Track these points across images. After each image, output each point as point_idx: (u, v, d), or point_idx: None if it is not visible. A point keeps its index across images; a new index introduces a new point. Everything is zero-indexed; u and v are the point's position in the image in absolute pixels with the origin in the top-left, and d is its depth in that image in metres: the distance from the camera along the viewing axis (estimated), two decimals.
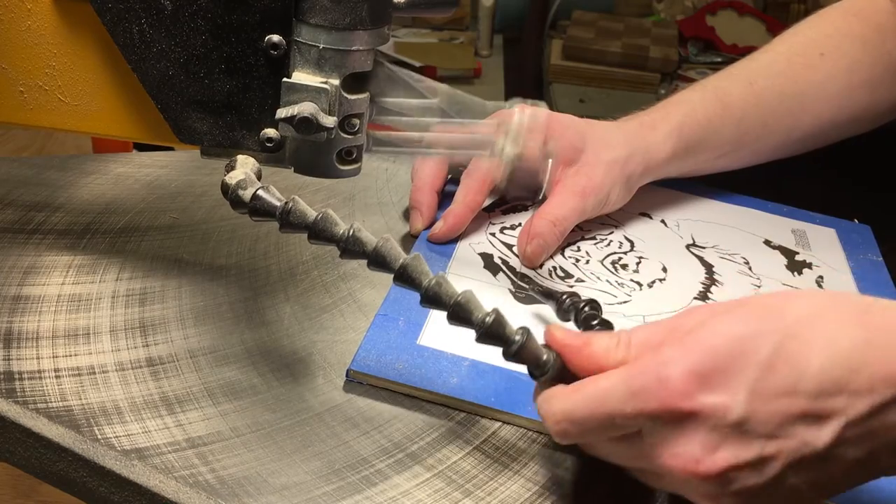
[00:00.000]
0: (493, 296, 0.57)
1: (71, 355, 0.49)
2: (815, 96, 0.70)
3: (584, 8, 2.11)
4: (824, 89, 0.70)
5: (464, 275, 0.58)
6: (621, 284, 0.60)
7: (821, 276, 0.64)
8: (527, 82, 2.12)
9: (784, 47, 0.72)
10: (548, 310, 0.54)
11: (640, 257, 0.63)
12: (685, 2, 2.13)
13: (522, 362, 0.42)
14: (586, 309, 0.50)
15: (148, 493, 0.42)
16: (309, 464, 0.44)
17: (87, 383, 0.47)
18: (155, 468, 0.43)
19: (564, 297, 0.51)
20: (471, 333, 0.42)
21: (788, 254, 0.67)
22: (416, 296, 0.42)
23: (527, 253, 0.60)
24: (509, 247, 0.62)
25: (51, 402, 0.46)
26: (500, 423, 0.48)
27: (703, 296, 0.60)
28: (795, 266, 0.65)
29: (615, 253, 0.63)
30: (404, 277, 0.42)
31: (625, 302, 0.58)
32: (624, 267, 0.62)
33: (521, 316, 0.55)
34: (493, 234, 0.64)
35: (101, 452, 0.43)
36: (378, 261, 0.42)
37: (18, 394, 0.46)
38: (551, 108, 1.95)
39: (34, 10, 0.47)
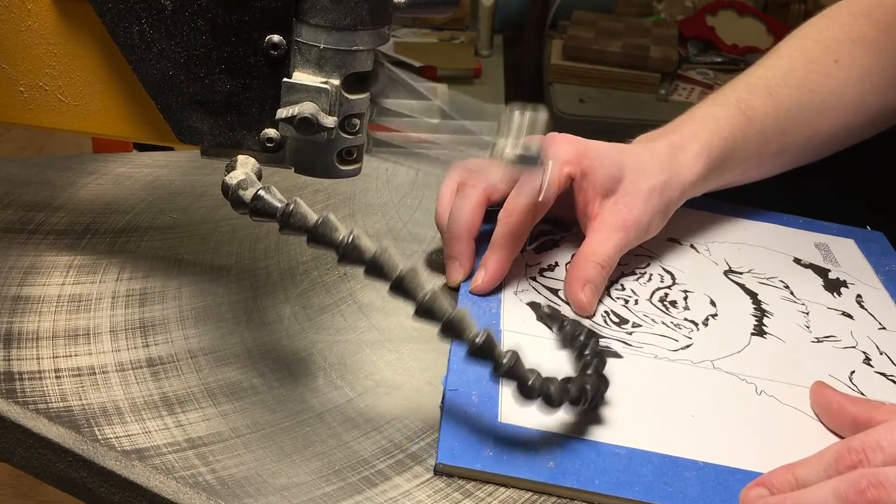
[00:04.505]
0: (555, 354, 0.52)
1: (71, 355, 0.49)
2: (831, 104, 0.69)
3: (584, 8, 2.11)
4: (839, 97, 0.69)
5: (519, 331, 0.54)
6: (677, 326, 0.57)
7: (860, 295, 0.64)
8: (527, 82, 2.12)
9: (798, 52, 0.70)
10: (609, 363, 0.50)
11: (686, 291, 0.61)
12: (685, 2, 2.13)
13: (512, 379, 0.43)
14: (581, 338, 0.49)
15: (148, 493, 0.42)
16: (309, 464, 0.44)
17: (88, 384, 0.47)
18: (155, 469, 0.43)
19: (566, 323, 0.51)
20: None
21: (821, 272, 0.66)
22: (482, 365, 0.42)
23: (582, 302, 0.56)
24: (554, 292, 0.58)
25: (51, 402, 0.46)
26: None
27: (760, 331, 0.58)
28: (832, 286, 0.64)
29: (660, 289, 0.61)
30: (400, 289, 0.42)
31: (687, 346, 0.55)
32: (673, 304, 0.59)
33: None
34: (533, 279, 0.59)
35: (102, 453, 0.43)
36: (375, 269, 0.42)
37: (18, 394, 0.46)
38: (551, 108, 1.95)
39: (34, 10, 0.47)
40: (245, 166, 0.45)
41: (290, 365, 0.50)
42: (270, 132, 0.47)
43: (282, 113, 0.45)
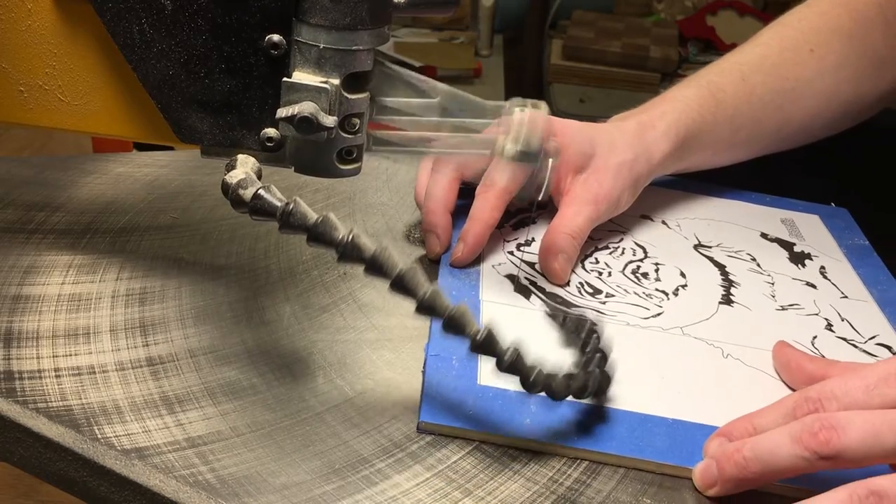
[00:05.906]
0: (533, 323, 0.55)
1: (71, 355, 0.49)
2: (804, 93, 0.70)
3: (584, 8, 2.12)
4: (813, 86, 0.70)
5: (498, 301, 0.57)
6: (649, 296, 0.60)
7: (823, 267, 0.66)
8: (527, 82, 2.12)
9: (775, 41, 0.72)
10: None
11: (657, 263, 0.63)
12: (685, 2, 2.13)
13: (514, 374, 0.43)
14: (583, 334, 0.49)
15: (148, 492, 0.42)
16: (309, 463, 0.44)
17: (87, 383, 0.47)
18: (155, 468, 0.43)
19: (566, 319, 0.51)
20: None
21: (787, 246, 0.68)
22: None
23: (555, 271, 0.59)
24: (531, 265, 0.61)
25: (51, 401, 0.46)
26: None
27: (728, 300, 0.60)
28: (797, 258, 0.67)
29: (632, 261, 0.63)
30: (401, 287, 0.42)
31: (658, 314, 0.58)
32: (645, 276, 0.62)
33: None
34: (511, 253, 0.62)
35: (101, 452, 0.43)
36: (375, 268, 0.42)
37: (18, 393, 0.46)
38: (551, 108, 1.95)
39: (34, 10, 0.47)
40: (245, 165, 0.45)
41: (289, 364, 0.50)
42: (270, 132, 0.47)
43: (282, 112, 0.45)
